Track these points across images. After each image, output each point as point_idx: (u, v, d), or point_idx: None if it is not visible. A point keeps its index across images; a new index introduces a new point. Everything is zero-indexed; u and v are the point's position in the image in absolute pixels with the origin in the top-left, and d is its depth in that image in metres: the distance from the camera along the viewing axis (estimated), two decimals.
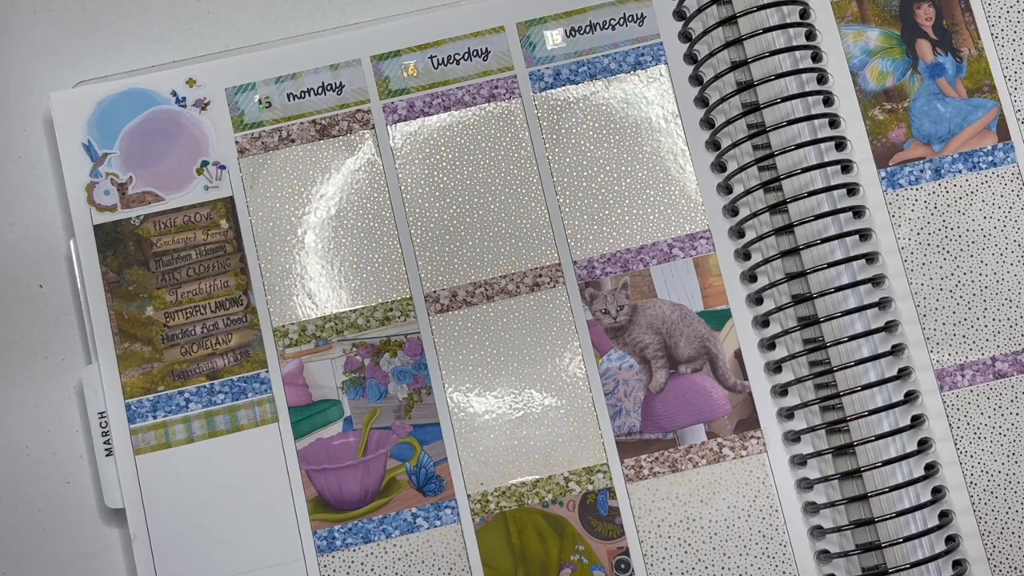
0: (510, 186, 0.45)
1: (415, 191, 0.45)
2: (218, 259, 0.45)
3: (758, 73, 0.45)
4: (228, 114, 0.45)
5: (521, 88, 0.46)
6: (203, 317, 0.44)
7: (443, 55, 0.46)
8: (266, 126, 0.45)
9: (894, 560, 0.41)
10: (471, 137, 0.45)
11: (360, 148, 0.45)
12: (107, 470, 0.43)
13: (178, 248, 0.44)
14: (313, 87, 0.46)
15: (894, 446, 0.42)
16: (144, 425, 0.43)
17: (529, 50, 0.46)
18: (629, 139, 0.45)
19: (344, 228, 0.45)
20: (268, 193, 0.45)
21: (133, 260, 0.44)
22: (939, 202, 0.44)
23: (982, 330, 0.43)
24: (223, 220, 0.45)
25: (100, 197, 0.45)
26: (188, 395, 0.43)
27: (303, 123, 0.45)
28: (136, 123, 0.45)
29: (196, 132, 0.45)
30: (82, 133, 0.45)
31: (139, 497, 0.43)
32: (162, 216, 0.45)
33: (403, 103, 0.46)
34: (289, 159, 0.45)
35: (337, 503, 0.43)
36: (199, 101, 0.45)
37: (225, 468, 0.43)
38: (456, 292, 0.44)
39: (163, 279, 0.44)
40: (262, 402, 0.43)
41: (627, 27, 0.46)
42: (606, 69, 0.46)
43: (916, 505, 0.41)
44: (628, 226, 0.45)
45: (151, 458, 0.43)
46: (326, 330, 0.44)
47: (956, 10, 0.45)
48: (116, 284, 0.44)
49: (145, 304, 0.44)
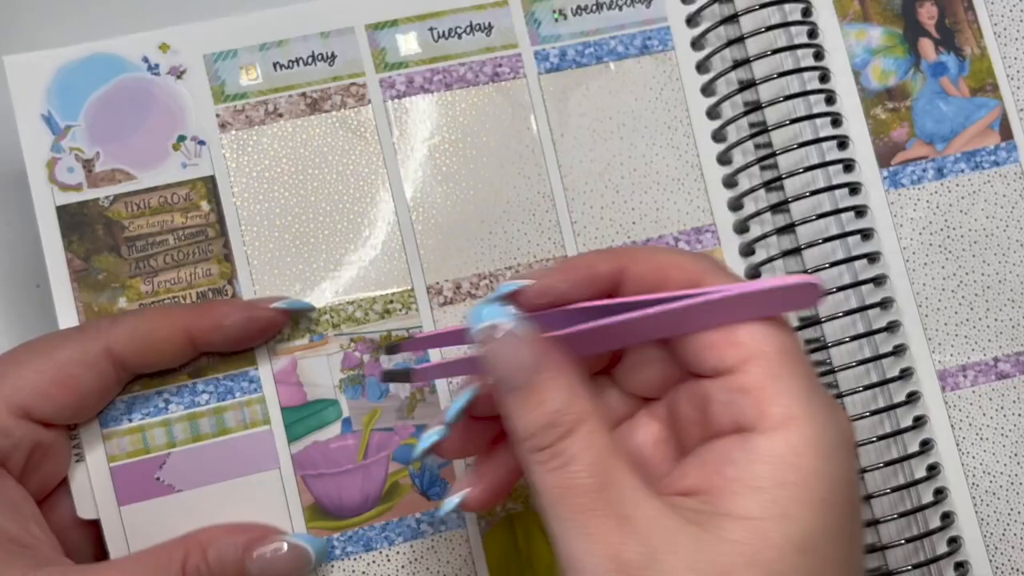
0: (515, 172, 0.43)
1: (416, 174, 0.42)
2: (199, 244, 0.40)
3: (760, 72, 0.44)
4: (207, 83, 0.41)
5: (526, 68, 0.43)
6: None
7: (444, 27, 0.43)
8: (251, 98, 0.41)
9: (896, 562, 0.41)
10: (475, 118, 0.42)
11: (356, 125, 0.42)
12: (79, 478, 0.39)
13: (153, 232, 0.40)
14: (302, 56, 0.42)
15: (896, 447, 0.42)
16: (119, 429, 0.39)
17: (535, 27, 0.43)
18: (635, 126, 0.43)
19: (339, 212, 0.41)
20: (254, 172, 0.41)
21: (102, 246, 0.40)
22: (941, 202, 0.44)
23: (985, 331, 0.43)
24: (204, 201, 0.40)
25: (63, 175, 0.40)
26: (168, 395, 0.39)
27: (292, 96, 0.41)
28: (103, 92, 0.40)
29: (171, 103, 0.41)
30: (41, 103, 0.40)
31: (116, 508, 0.39)
32: (134, 196, 0.40)
33: (402, 78, 0.42)
34: (277, 135, 0.41)
35: (336, 510, 0.40)
36: (174, 68, 0.41)
37: (211, 475, 0.39)
38: (460, 284, 0.42)
39: (137, 267, 0.40)
40: (251, 403, 0.40)
41: (634, 8, 0.44)
42: (613, 51, 0.44)
43: (918, 506, 0.42)
44: (635, 218, 0.43)
45: (128, 465, 0.39)
46: (321, 324, 0.41)
47: (959, 9, 0.45)
48: (83, 273, 0.39)
49: (117, 294, 0.40)
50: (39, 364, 0.36)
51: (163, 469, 0.39)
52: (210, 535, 0.37)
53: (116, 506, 0.39)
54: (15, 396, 0.36)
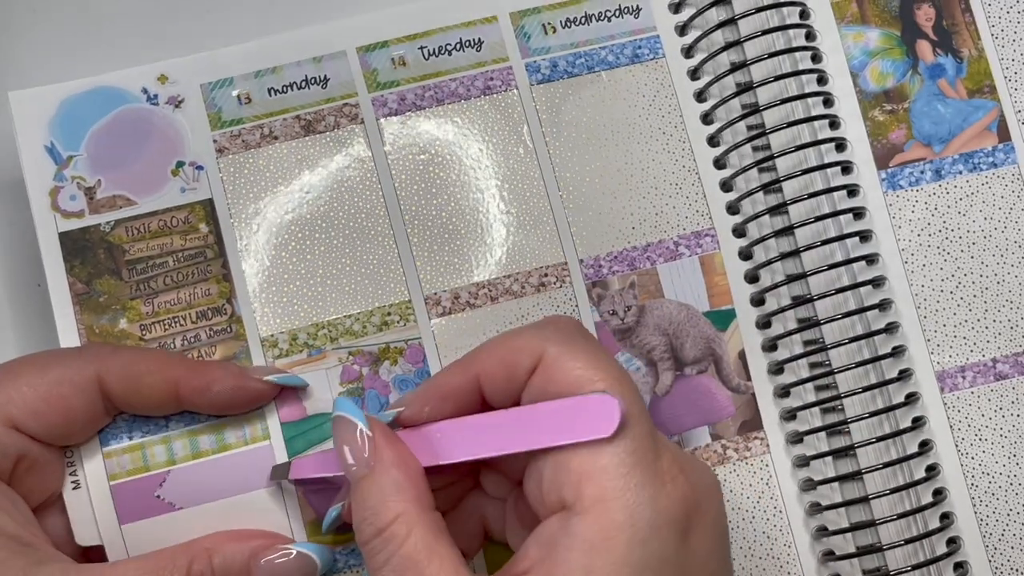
0: (511, 182, 0.43)
1: (410, 188, 0.43)
2: (198, 266, 0.41)
3: (758, 74, 0.44)
4: (204, 111, 0.42)
5: (517, 80, 0.43)
6: (183, 329, 0.41)
7: (434, 45, 0.43)
8: (246, 123, 0.42)
9: (895, 562, 0.41)
10: (468, 131, 0.43)
11: (349, 144, 0.43)
12: (77, 504, 0.39)
13: (153, 255, 0.41)
14: (296, 81, 0.43)
15: (895, 448, 0.42)
16: (119, 447, 0.40)
17: (524, 40, 0.44)
18: (630, 133, 0.44)
19: (335, 228, 0.42)
20: (251, 194, 0.42)
21: (103, 269, 0.41)
22: (940, 203, 0.44)
23: (983, 332, 0.43)
24: (202, 224, 0.42)
25: (65, 203, 0.41)
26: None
27: (286, 119, 0.42)
28: (104, 123, 0.42)
29: (170, 131, 0.42)
30: (44, 135, 0.41)
31: (118, 530, 0.39)
32: (135, 221, 0.41)
33: (393, 96, 0.43)
34: (273, 157, 0.42)
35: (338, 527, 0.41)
36: (172, 99, 0.42)
37: (211, 492, 0.40)
38: (458, 294, 0.42)
39: (137, 289, 0.41)
40: (251, 419, 0.41)
41: (623, 19, 0.44)
42: (603, 61, 0.44)
43: (917, 507, 0.41)
44: (633, 224, 0.43)
45: (128, 483, 0.40)
46: (319, 338, 0.42)
47: (956, 11, 0.44)
48: (85, 296, 0.41)
49: (118, 316, 0.41)
50: (33, 379, 0.37)
51: (163, 487, 0.40)
52: (215, 541, 0.37)
53: (117, 525, 0.39)
54: (6, 406, 0.36)
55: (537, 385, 0.34)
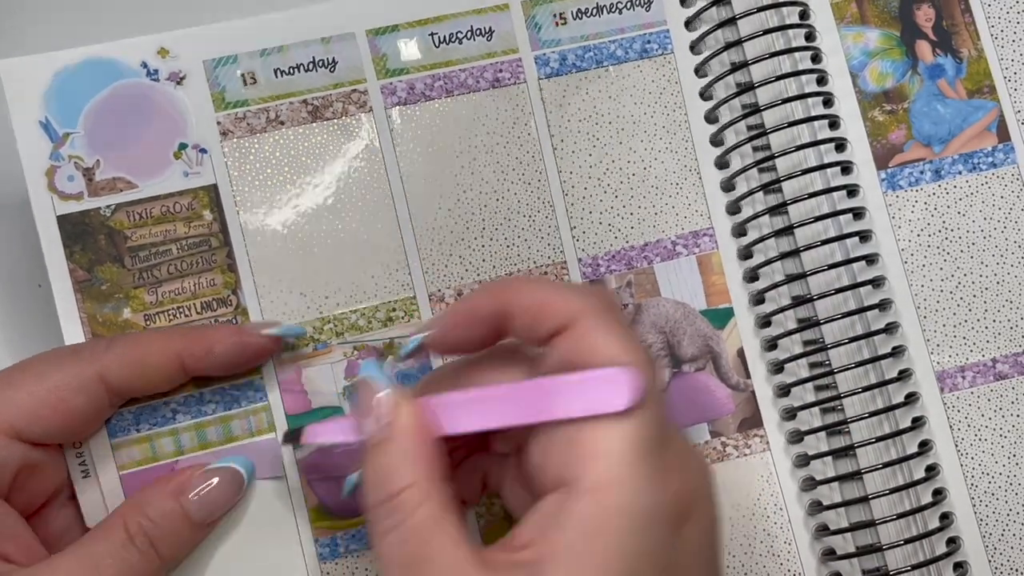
0: (516, 178, 0.43)
1: (417, 182, 0.42)
2: (202, 254, 0.40)
3: (758, 75, 0.44)
4: (208, 90, 0.41)
5: (527, 73, 0.43)
6: (188, 319, 0.40)
7: (444, 32, 0.42)
8: (251, 105, 0.41)
9: (895, 562, 0.42)
10: (476, 124, 0.42)
11: (358, 133, 0.42)
12: (88, 493, 0.39)
13: (156, 242, 0.40)
14: (303, 62, 0.41)
15: (895, 448, 0.43)
16: (127, 439, 0.39)
17: (535, 31, 0.43)
18: (635, 131, 0.43)
19: (342, 221, 0.41)
20: (257, 181, 0.41)
21: (105, 256, 0.40)
22: (939, 203, 0.44)
23: (983, 332, 0.44)
24: (206, 211, 0.40)
25: (63, 183, 0.39)
26: (175, 406, 0.39)
27: (293, 103, 0.41)
28: (101, 98, 0.40)
29: (172, 110, 0.40)
30: (39, 109, 0.39)
31: None
32: (136, 206, 0.40)
33: (403, 84, 0.42)
34: (280, 143, 0.41)
35: (340, 511, 0.40)
36: (173, 74, 0.40)
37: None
38: (462, 290, 0.42)
39: (141, 277, 0.40)
40: (257, 411, 0.40)
41: (634, 11, 0.44)
42: (612, 55, 0.44)
43: (917, 507, 0.42)
44: (633, 223, 0.43)
45: (138, 473, 0.39)
46: (324, 332, 0.41)
47: (956, 11, 0.45)
48: (87, 283, 0.39)
49: (121, 305, 0.39)
50: (32, 386, 0.36)
51: None
52: (142, 495, 0.37)
53: None
54: (6, 417, 0.36)
55: (564, 347, 0.33)
